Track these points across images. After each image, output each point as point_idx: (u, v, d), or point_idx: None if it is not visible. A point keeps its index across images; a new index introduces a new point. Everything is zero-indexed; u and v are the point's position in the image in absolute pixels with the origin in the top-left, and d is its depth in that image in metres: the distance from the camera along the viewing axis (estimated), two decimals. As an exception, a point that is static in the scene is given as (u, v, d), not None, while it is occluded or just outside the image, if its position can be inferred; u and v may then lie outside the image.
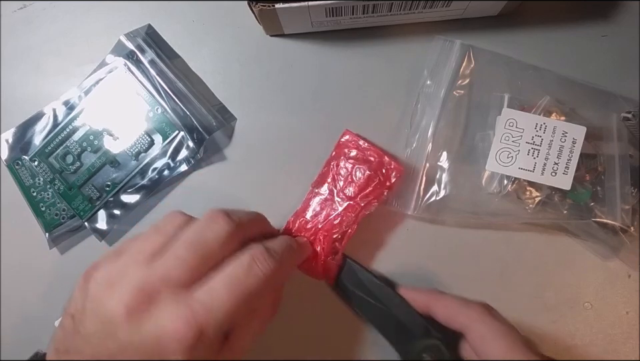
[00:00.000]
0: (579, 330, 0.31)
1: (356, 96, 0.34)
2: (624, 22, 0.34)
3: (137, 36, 0.34)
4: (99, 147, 0.33)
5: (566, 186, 0.30)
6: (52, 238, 0.33)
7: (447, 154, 0.32)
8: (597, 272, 0.32)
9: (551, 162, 0.30)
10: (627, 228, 0.30)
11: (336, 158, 0.31)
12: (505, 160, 0.30)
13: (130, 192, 0.33)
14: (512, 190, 0.31)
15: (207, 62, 0.35)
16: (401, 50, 0.34)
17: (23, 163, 0.34)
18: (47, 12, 0.36)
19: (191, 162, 0.33)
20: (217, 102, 0.35)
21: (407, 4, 0.30)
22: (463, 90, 0.32)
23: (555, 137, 0.30)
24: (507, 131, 0.31)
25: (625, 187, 0.30)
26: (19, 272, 0.34)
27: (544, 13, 0.34)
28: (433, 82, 0.33)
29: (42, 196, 0.33)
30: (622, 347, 0.31)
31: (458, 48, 0.32)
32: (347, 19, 0.32)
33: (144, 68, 0.33)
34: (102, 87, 0.34)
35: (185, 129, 0.33)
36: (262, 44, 0.35)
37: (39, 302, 0.33)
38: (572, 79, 0.32)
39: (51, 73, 0.36)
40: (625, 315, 0.31)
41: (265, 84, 0.35)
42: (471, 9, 0.32)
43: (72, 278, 0.33)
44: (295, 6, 0.29)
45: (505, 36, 0.34)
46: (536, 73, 0.32)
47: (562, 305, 0.31)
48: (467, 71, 0.32)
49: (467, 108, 0.32)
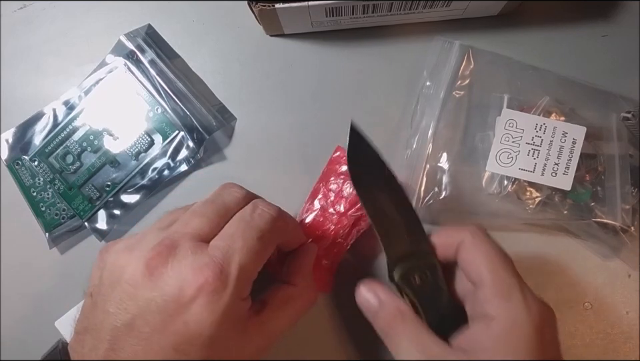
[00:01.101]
0: (579, 330, 0.31)
1: (356, 97, 0.34)
2: (624, 22, 0.34)
3: (137, 36, 0.34)
4: (99, 147, 0.33)
5: (566, 187, 0.30)
6: (52, 238, 0.33)
7: (447, 155, 0.32)
8: (596, 272, 0.32)
9: (551, 163, 0.30)
10: (627, 228, 0.30)
11: (327, 173, 0.31)
12: (505, 160, 0.30)
13: (130, 192, 0.33)
14: (512, 190, 0.31)
15: (207, 62, 0.35)
16: (401, 50, 0.34)
17: (22, 163, 0.34)
18: (47, 12, 0.36)
19: (191, 162, 0.33)
20: (217, 102, 0.35)
21: (407, 5, 0.30)
22: (463, 91, 0.32)
23: (554, 137, 0.30)
24: (506, 132, 0.31)
25: (625, 187, 0.30)
26: (19, 272, 0.34)
27: (544, 13, 0.34)
28: (433, 83, 0.33)
29: (42, 196, 0.33)
30: (622, 347, 0.31)
31: (457, 49, 0.32)
32: (346, 19, 0.32)
33: (144, 68, 0.33)
34: (102, 87, 0.34)
35: (185, 129, 0.33)
36: (262, 44, 0.35)
37: (39, 302, 0.33)
38: (572, 79, 0.32)
39: (51, 73, 0.36)
40: (625, 315, 0.31)
41: (265, 84, 0.35)
42: (471, 9, 0.32)
43: (72, 278, 0.33)
44: (294, 6, 0.29)
45: (505, 36, 0.34)
46: (535, 73, 0.32)
47: (562, 305, 0.31)
48: (467, 72, 0.32)
49: (466, 109, 0.32)
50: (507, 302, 0.21)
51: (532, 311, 0.21)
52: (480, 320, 0.22)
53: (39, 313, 0.33)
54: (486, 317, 0.21)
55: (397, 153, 0.33)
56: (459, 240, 0.24)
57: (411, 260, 0.24)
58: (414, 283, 0.24)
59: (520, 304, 0.21)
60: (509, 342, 0.20)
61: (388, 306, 0.24)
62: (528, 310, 0.21)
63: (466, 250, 0.23)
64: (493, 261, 0.22)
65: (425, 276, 0.24)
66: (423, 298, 0.24)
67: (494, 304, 0.21)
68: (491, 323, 0.21)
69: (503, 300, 0.21)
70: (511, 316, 0.21)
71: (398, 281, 0.24)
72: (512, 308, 0.21)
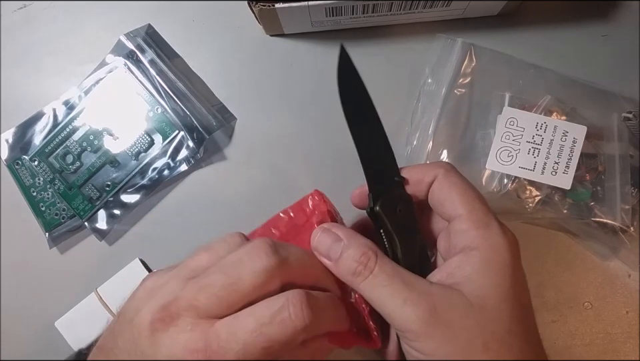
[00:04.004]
0: (579, 329, 0.31)
1: (356, 96, 0.34)
2: (624, 23, 0.34)
3: (137, 36, 0.34)
4: (98, 147, 0.33)
5: (566, 186, 0.30)
6: (52, 238, 0.33)
7: (448, 152, 0.32)
8: (597, 272, 0.32)
9: (552, 162, 0.30)
10: (627, 229, 0.30)
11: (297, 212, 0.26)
12: (506, 159, 0.30)
13: (130, 192, 0.33)
14: (512, 189, 0.31)
15: (207, 62, 0.35)
16: (401, 50, 0.34)
17: (22, 163, 0.34)
18: (47, 12, 0.36)
19: (191, 162, 0.33)
20: (216, 102, 0.35)
21: (407, 4, 0.30)
22: (464, 88, 0.32)
23: (555, 136, 0.30)
24: (507, 130, 0.31)
25: (625, 187, 0.30)
26: (18, 272, 0.34)
27: (544, 13, 0.34)
28: (434, 81, 0.33)
29: (42, 196, 0.33)
30: (622, 347, 0.31)
31: (459, 47, 0.32)
32: (346, 19, 0.32)
33: (144, 68, 0.33)
34: (102, 87, 0.34)
35: (185, 129, 0.33)
36: (262, 44, 0.35)
37: (39, 302, 0.33)
38: (573, 79, 0.32)
39: (50, 73, 0.36)
40: (624, 315, 0.31)
41: (265, 84, 0.35)
42: (471, 9, 0.32)
43: (72, 278, 0.33)
44: (294, 6, 0.29)
45: (505, 36, 0.34)
46: (537, 72, 0.32)
47: (562, 305, 0.31)
48: (469, 70, 0.32)
49: (467, 107, 0.32)
50: (485, 231, 0.21)
51: (508, 238, 0.22)
52: (458, 253, 0.22)
53: (39, 313, 0.33)
54: (465, 248, 0.21)
55: (398, 150, 0.32)
56: (430, 178, 0.23)
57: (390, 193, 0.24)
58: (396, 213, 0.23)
59: (498, 231, 0.21)
60: (492, 269, 0.21)
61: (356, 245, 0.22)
62: (505, 237, 0.21)
63: (440, 187, 0.23)
64: (468, 195, 0.22)
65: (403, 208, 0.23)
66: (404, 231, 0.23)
67: (473, 234, 0.21)
68: (471, 253, 0.21)
69: (482, 229, 0.21)
70: (491, 244, 0.21)
71: (380, 210, 0.23)
72: (491, 237, 0.21)
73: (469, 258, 0.21)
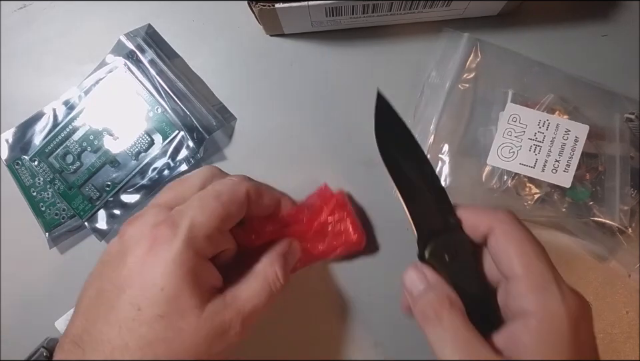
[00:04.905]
0: (579, 329, 0.31)
1: (355, 96, 0.34)
2: (624, 23, 0.34)
3: (136, 36, 0.34)
4: (98, 147, 0.33)
5: (566, 184, 0.30)
6: (52, 238, 0.33)
7: (449, 146, 0.32)
8: (596, 272, 0.32)
9: (552, 160, 0.30)
10: (625, 229, 0.30)
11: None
12: (507, 155, 0.30)
13: (130, 192, 0.33)
14: (511, 186, 0.31)
15: (207, 62, 0.35)
16: (401, 49, 0.34)
17: (22, 163, 0.34)
18: (47, 12, 0.36)
19: (191, 161, 0.33)
20: (216, 102, 0.35)
21: (407, 4, 0.30)
22: (468, 83, 0.32)
23: (557, 134, 0.30)
24: (509, 126, 0.31)
25: (624, 188, 0.30)
26: (18, 272, 0.34)
27: (543, 13, 0.34)
28: (439, 74, 0.33)
29: (42, 196, 0.33)
30: (622, 347, 0.31)
31: (465, 41, 0.32)
32: (346, 19, 0.32)
33: (144, 68, 0.33)
34: (102, 87, 0.34)
35: (185, 129, 0.33)
36: (262, 44, 0.35)
37: (39, 302, 0.33)
38: (577, 78, 0.32)
39: (50, 73, 0.36)
40: (624, 315, 0.31)
41: (265, 84, 0.35)
42: (471, 9, 0.32)
43: (72, 278, 0.33)
44: (294, 6, 0.29)
45: (504, 35, 0.34)
46: (541, 70, 0.32)
47: (562, 305, 0.31)
48: (473, 65, 0.32)
49: (471, 102, 0.32)
50: (543, 296, 0.20)
51: (569, 304, 0.20)
52: (516, 316, 0.21)
53: (39, 313, 0.33)
54: (522, 312, 0.20)
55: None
56: (487, 226, 0.22)
57: (441, 237, 0.23)
58: (445, 260, 0.23)
59: (556, 296, 0.20)
60: (548, 338, 0.20)
61: (436, 290, 0.22)
62: (565, 303, 0.20)
63: (496, 239, 0.22)
64: (527, 253, 0.21)
65: (456, 253, 0.23)
66: (456, 277, 0.23)
67: (529, 299, 0.20)
68: (528, 319, 0.20)
69: (539, 294, 0.20)
70: (547, 311, 0.20)
71: (429, 258, 0.23)
72: (548, 302, 0.20)
73: (526, 326, 0.20)
